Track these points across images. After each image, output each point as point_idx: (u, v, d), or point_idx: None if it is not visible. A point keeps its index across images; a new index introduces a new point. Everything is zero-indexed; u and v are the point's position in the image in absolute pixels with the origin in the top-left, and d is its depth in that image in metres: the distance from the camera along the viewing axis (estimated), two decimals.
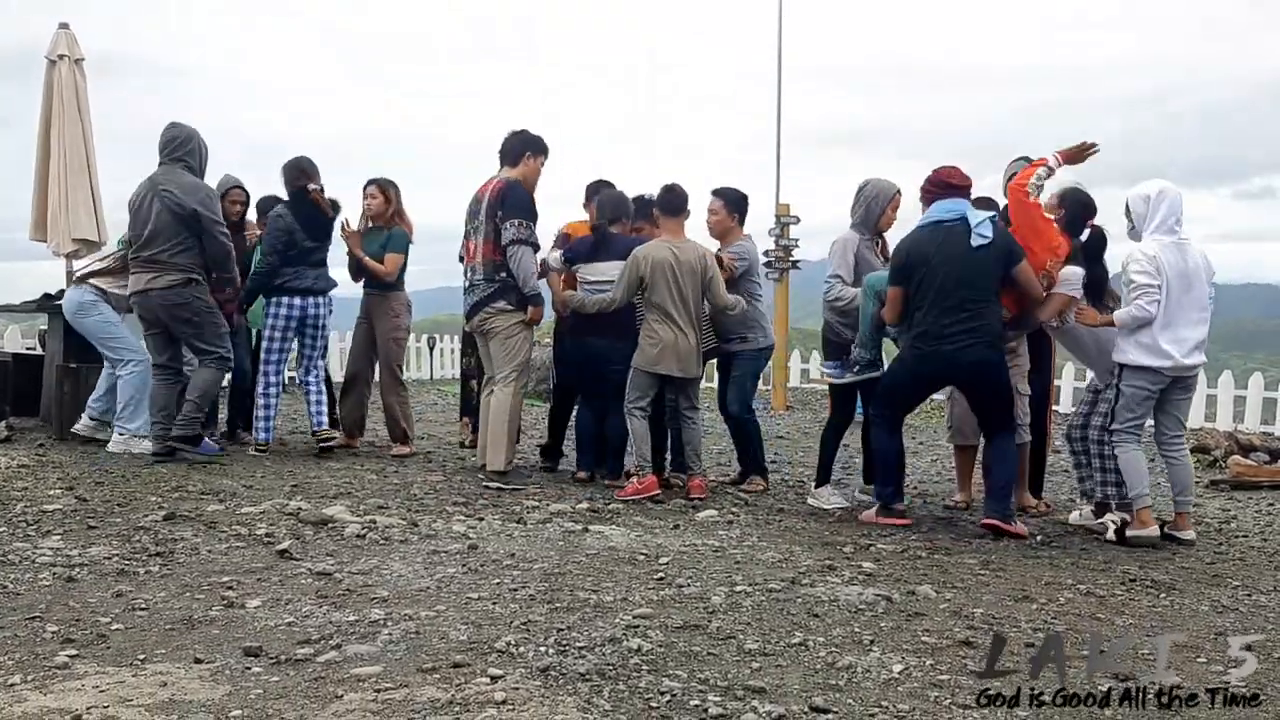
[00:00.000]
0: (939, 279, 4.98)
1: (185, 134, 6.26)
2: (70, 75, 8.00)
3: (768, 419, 11.32)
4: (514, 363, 5.96)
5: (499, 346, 5.96)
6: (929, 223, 5.13)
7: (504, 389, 5.95)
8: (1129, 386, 5.03)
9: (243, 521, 4.53)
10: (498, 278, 5.88)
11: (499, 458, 5.92)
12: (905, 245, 5.21)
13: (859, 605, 3.54)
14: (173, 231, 6.08)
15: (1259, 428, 10.58)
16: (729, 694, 2.63)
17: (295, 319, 6.53)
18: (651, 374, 5.71)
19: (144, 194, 6.15)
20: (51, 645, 2.89)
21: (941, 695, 2.69)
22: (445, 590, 3.54)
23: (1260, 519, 5.91)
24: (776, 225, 12.57)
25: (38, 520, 4.40)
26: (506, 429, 5.95)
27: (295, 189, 6.50)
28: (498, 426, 5.94)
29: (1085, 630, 3.40)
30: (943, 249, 5.01)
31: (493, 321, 5.94)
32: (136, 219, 6.17)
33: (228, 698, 2.53)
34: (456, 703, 2.50)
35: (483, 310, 5.95)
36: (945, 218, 5.08)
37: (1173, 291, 4.93)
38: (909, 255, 5.13)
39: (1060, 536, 5.08)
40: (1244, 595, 4.02)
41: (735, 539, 4.65)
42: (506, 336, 5.94)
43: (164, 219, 6.07)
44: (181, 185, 6.12)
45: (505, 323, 5.93)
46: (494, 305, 5.91)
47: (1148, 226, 5.01)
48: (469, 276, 6.05)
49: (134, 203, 6.20)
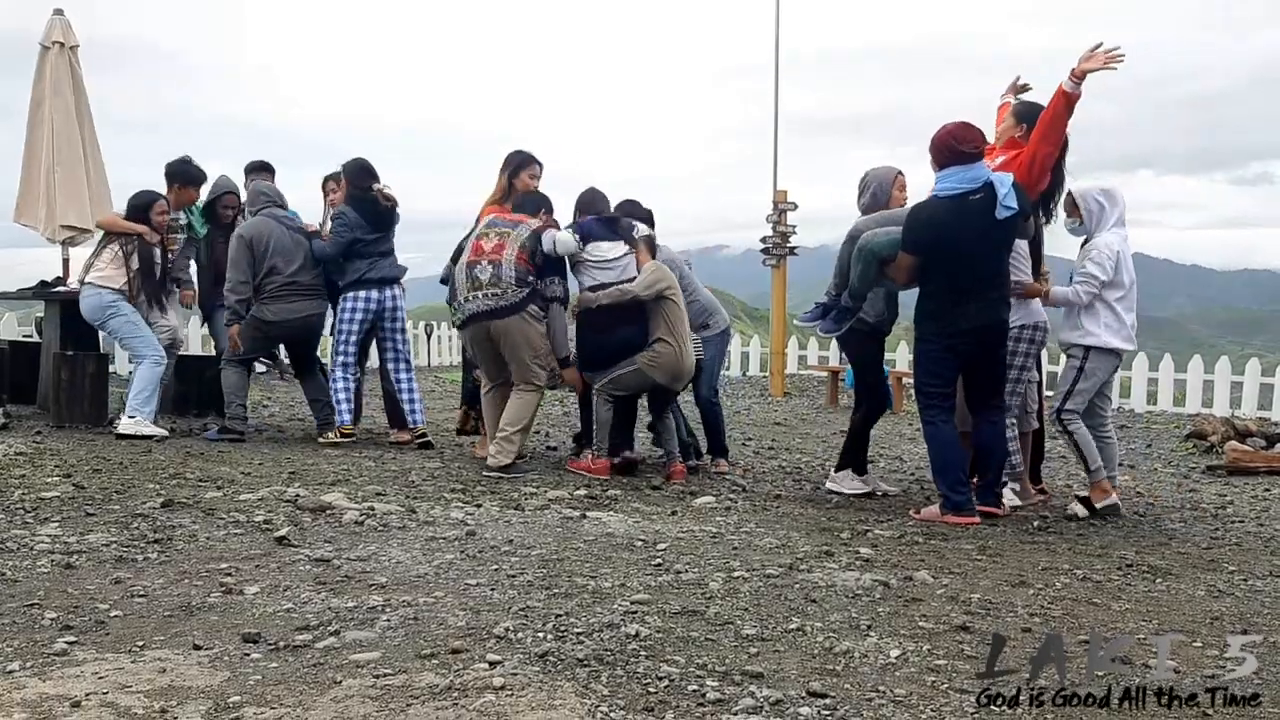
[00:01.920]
0: (964, 256, 4.86)
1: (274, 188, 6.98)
2: (64, 62, 7.97)
3: (766, 405, 11.34)
4: (546, 368, 5.88)
5: (527, 349, 5.79)
6: (949, 195, 4.88)
7: (533, 392, 5.89)
8: (1094, 367, 5.26)
9: (241, 508, 4.53)
10: (529, 281, 5.73)
11: (506, 457, 5.78)
12: (925, 217, 4.96)
13: (856, 591, 3.55)
14: (316, 261, 6.68)
15: (1256, 413, 10.61)
16: (727, 679, 2.64)
17: (373, 311, 6.66)
18: (649, 379, 5.75)
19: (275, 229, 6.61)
20: (50, 632, 2.89)
21: (939, 680, 2.70)
22: (443, 576, 3.54)
23: (1256, 504, 5.93)
24: (774, 212, 12.56)
25: (36, 507, 4.40)
26: (522, 430, 5.89)
27: (361, 189, 6.67)
28: (514, 426, 5.84)
29: (1082, 615, 3.41)
30: (966, 225, 4.82)
31: (524, 326, 5.77)
32: (279, 250, 6.57)
33: (226, 684, 2.53)
34: (455, 688, 2.51)
35: (518, 314, 5.74)
36: (965, 189, 4.83)
37: (1128, 281, 5.28)
38: (929, 229, 4.91)
39: (1057, 522, 5.09)
40: (1239, 580, 4.04)
41: (733, 525, 4.66)
42: (533, 340, 5.81)
43: (308, 249, 6.66)
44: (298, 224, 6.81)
45: (537, 329, 5.81)
46: (527, 311, 5.75)
47: (1106, 223, 5.27)
48: (488, 273, 5.72)
49: (265, 236, 6.58)
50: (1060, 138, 5.02)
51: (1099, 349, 5.25)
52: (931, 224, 4.92)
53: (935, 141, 4.96)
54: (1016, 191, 4.83)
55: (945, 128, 4.94)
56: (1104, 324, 5.25)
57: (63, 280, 7.75)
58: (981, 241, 4.86)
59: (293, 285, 6.59)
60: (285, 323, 6.66)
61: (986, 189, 4.81)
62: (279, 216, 6.73)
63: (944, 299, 4.97)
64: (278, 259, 6.57)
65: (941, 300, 4.98)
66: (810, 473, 6.54)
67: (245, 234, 6.61)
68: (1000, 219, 4.81)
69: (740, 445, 7.70)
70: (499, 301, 5.70)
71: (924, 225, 4.94)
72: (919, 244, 4.97)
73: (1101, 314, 5.26)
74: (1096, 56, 4.87)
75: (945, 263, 4.92)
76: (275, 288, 6.57)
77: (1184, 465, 7.54)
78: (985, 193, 4.81)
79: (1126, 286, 5.28)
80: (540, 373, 5.86)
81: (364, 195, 6.65)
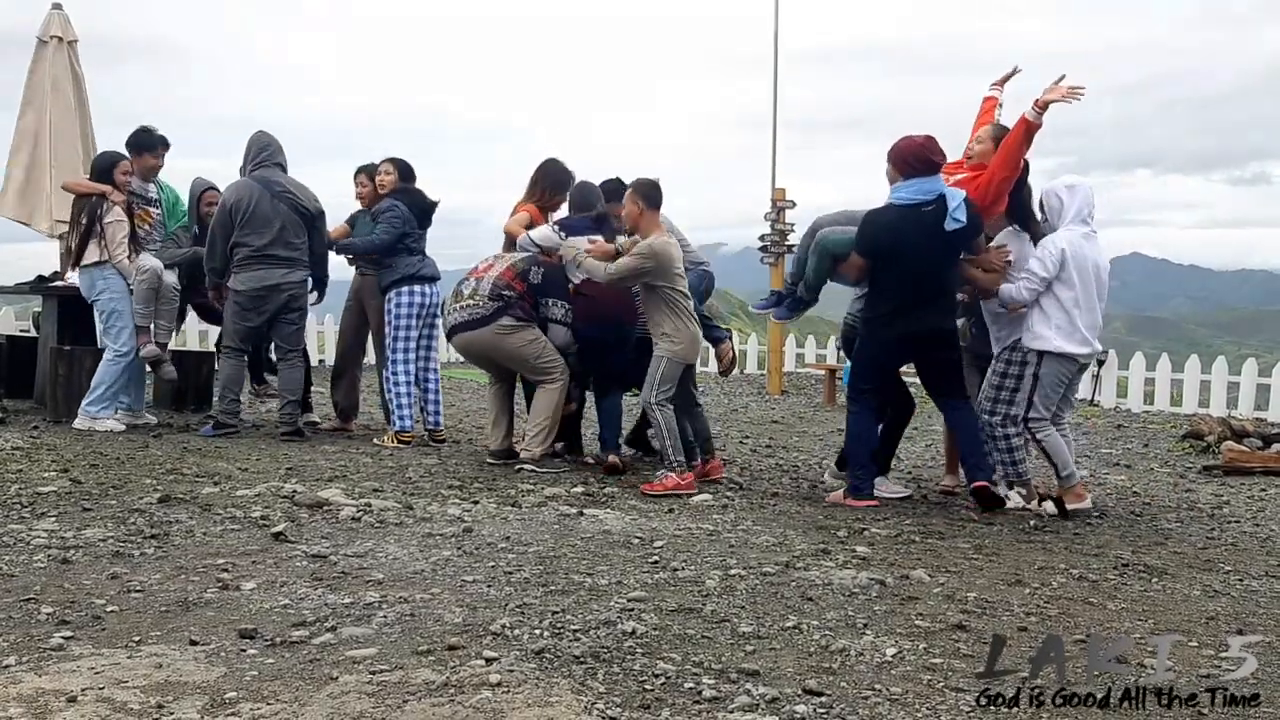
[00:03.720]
0: (911, 264, 5.03)
1: (275, 141, 6.71)
2: (63, 56, 7.96)
3: (763, 403, 11.34)
4: (557, 363, 5.89)
5: (513, 357, 5.88)
6: (905, 205, 5.05)
7: (553, 386, 5.90)
8: (1048, 373, 5.15)
9: (238, 504, 4.53)
10: (504, 295, 5.79)
11: (538, 449, 5.89)
12: (876, 226, 5.13)
13: (853, 589, 3.55)
14: (298, 230, 6.55)
15: (1252, 414, 10.61)
16: (723, 676, 2.64)
17: (423, 306, 6.68)
18: (684, 365, 5.68)
19: (257, 195, 6.45)
20: (46, 627, 2.89)
21: (934, 678, 2.71)
22: (440, 573, 3.54)
23: (1252, 504, 5.94)
24: (772, 209, 12.55)
25: (32, 502, 4.40)
26: (547, 425, 5.92)
27: (409, 185, 6.75)
28: (542, 419, 5.90)
29: (1078, 615, 3.41)
30: (917, 235, 5.00)
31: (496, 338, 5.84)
32: (255, 218, 6.42)
33: (223, 679, 2.53)
34: (451, 685, 2.51)
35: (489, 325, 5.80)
36: (920, 199, 5.01)
37: (1086, 281, 5.13)
38: (879, 239, 5.11)
39: (1053, 521, 5.10)
40: (1235, 580, 4.04)
41: (730, 523, 4.66)
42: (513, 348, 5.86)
43: (291, 218, 6.51)
44: (299, 187, 6.64)
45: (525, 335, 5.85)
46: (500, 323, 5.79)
47: (1064, 218, 5.18)
48: (470, 287, 5.88)
49: (245, 203, 6.43)
50: (1018, 164, 5.10)
51: (1051, 354, 5.12)
52: (885, 229, 5.12)
53: (903, 150, 5.11)
54: (967, 207, 5.00)
55: (915, 139, 5.11)
56: (1055, 327, 5.08)
57: (60, 275, 7.75)
58: (929, 251, 5.04)
59: (262, 255, 6.45)
60: (253, 292, 6.50)
61: (939, 201, 5.01)
62: (267, 180, 6.54)
63: (888, 303, 5.16)
64: (250, 229, 6.43)
65: (886, 304, 5.18)
66: (807, 471, 6.54)
67: (228, 200, 6.50)
68: (948, 230, 4.98)
69: (738, 443, 7.70)
70: (470, 314, 5.84)
71: (877, 230, 5.15)
72: (868, 250, 5.17)
73: (1053, 316, 5.09)
74: (1059, 89, 5.04)
75: (892, 268, 5.12)
76: (241, 258, 6.47)
77: (1180, 465, 7.54)
78: (938, 205, 5.00)
79: (1077, 286, 5.08)
80: (549, 368, 5.87)
81: (414, 191, 6.72)
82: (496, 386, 6.15)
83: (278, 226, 6.49)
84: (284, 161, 6.75)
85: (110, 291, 6.63)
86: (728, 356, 6.76)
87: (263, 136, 6.75)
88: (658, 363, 5.54)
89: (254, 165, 6.63)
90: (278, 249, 6.50)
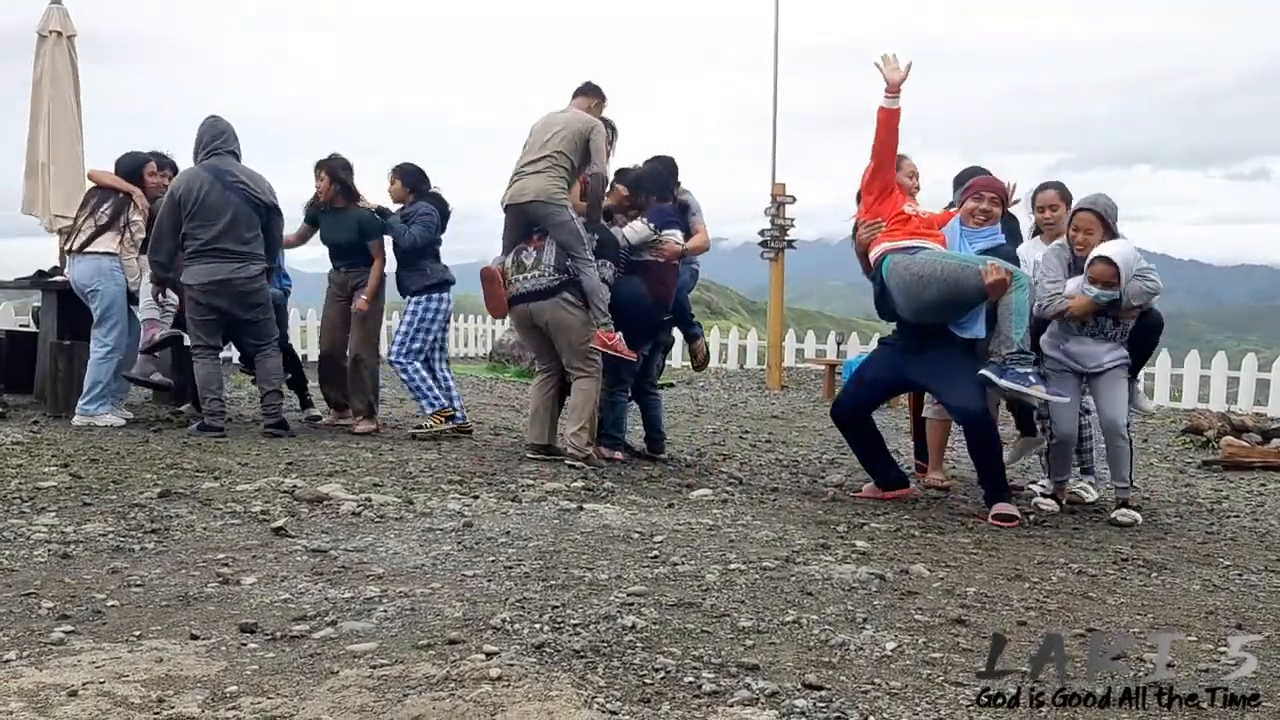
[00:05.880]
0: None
1: (230, 127, 6.37)
2: (63, 51, 7.95)
3: (763, 398, 11.34)
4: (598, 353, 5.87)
5: (566, 334, 5.83)
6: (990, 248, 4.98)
7: (589, 379, 5.88)
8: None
9: (238, 499, 4.53)
10: (567, 268, 5.78)
11: (584, 440, 5.87)
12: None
13: (852, 583, 3.56)
14: (251, 222, 6.26)
15: (1252, 409, 10.63)
16: (723, 671, 2.64)
17: (448, 313, 6.81)
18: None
19: (207, 185, 6.17)
20: (47, 621, 2.89)
21: (934, 673, 2.71)
22: (440, 568, 3.55)
23: (1252, 499, 5.95)
24: (773, 205, 12.55)
25: (33, 497, 4.40)
26: (586, 420, 5.90)
27: (424, 190, 6.76)
28: (586, 411, 5.89)
29: (1077, 610, 3.42)
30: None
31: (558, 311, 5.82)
32: (204, 210, 6.15)
33: (223, 674, 2.54)
34: (452, 679, 2.52)
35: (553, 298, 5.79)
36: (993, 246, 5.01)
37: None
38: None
39: (1052, 517, 5.10)
40: (1235, 575, 4.05)
41: (729, 518, 4.67)
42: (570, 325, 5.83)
43: (243, 210, 6.23)
44: (252, 177, 6.34)
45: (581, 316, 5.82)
46: (562, 297, 5.79)
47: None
48: (532, 257, 5.82)
49: (195, 194, 6.16)
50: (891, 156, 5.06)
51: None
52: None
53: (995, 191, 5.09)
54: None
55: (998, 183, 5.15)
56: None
57: (60, 270, 7.75)
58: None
59: (211, 249, 6.18)
60: (203, 287, 6.21)
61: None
62: (219, 170, 6.23)
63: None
64: (199, 220, 6.15)
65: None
66: (807, 466, 6.55)
67: (176, 190, 6.22)
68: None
69: (737, 438, 7.71)
70: (535, 284, 5.81)
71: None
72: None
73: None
74: (889, 62, 4.95)
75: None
76: (190, 251, 6.23)
77: (1180, 460, 7.55)
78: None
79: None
80: (591, 359, 5.86)
81: (437, 196, 6.77)
82: (542, 378, 6.11)
83: (228, 218, 6.18)
84: (238, 150, 6.41)
85: (115, 284, 6.63)
86: (701, 353, 6.82)
87: (217, 123, 6.39)
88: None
89: (206, 153, 6.30)
90: (228, 242, 6.19)
